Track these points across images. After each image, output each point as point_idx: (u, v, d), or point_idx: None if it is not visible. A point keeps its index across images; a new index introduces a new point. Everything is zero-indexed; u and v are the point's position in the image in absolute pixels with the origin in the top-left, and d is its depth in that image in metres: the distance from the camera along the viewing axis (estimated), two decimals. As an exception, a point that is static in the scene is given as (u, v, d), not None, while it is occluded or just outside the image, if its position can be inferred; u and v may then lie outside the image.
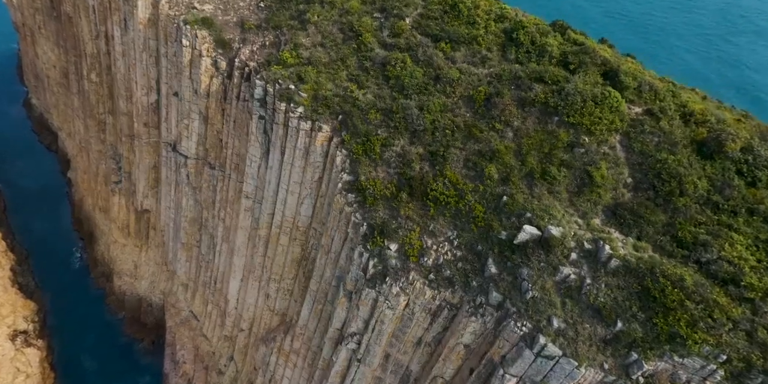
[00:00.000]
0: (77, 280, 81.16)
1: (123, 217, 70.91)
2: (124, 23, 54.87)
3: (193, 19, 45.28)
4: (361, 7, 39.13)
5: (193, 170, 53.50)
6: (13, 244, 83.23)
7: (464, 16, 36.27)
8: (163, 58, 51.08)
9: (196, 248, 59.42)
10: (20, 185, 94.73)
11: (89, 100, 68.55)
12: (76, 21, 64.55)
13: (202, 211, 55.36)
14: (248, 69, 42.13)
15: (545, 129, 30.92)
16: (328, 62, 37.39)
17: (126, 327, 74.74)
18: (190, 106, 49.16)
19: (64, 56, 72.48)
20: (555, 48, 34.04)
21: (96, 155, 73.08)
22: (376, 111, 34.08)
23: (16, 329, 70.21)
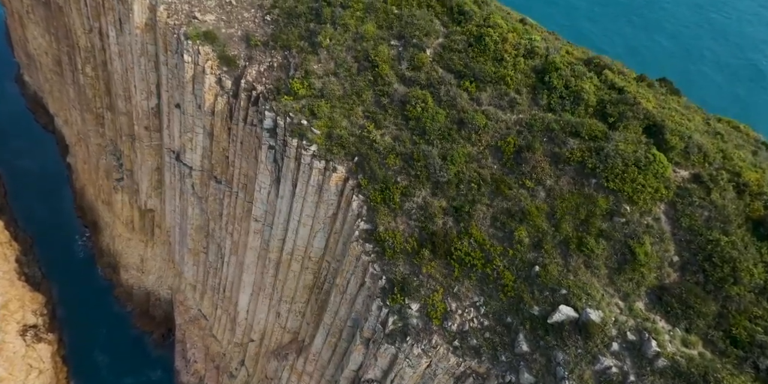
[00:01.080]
0: (83, 270, 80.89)
1: (127, 214, 69.81)
2: (119, 23, 51.77)
3: (195, 34, 42.48)
4: (376, 32, 36.38)
5: (198, 181, 51.95)
6: (16, 233, 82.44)
7: (490, 52, 33.58)
8: (163, 67, 48.46)
9: (203, 254, 58.67)
10: (19, 168, 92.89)
11: (85, 94, 65.88)
12: (67, 11, 61.01)
13: (209, 222, 54.21)
14: (256, 93, 39.83)
15: (581, 192, 29.06)
16: (342, 95, 35.14)
17: (135, 319, 75.12)
18: (194, 121, 47.06)
19: (56, 44, 69.12)
20: (591, 95, 31.59)
21: (95, 148, 71.06)
22: (395, 156, 32.28)
23: (25, 324, 70.49)
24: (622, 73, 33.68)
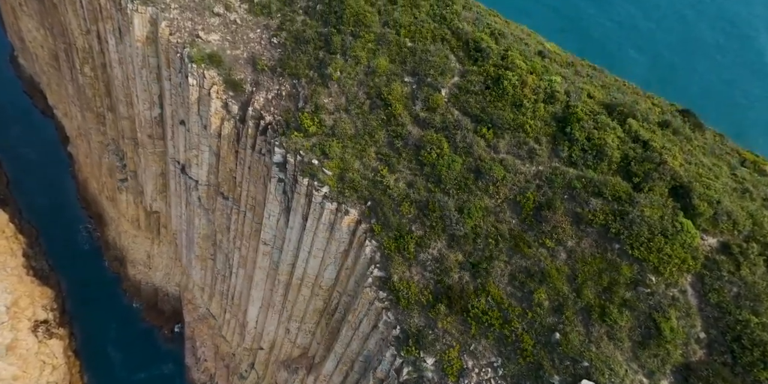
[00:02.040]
0: (90, 263, 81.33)
1: (132, 212, 69.60)
2: (118, 32, 50.01)
3: (199, 56, 41.04)
4: (389, 67, 35.05)
5: (205, 195, 51.47)
6: (21, 225, 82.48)
7: (509, 96, 32.37)
8: (165, 82, 47.09)
9: (210, 261, 58.84)
10: (19, 155, 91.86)
11: (85, 93, 64.40)
12: (62, 10, 58.78)
13: (216, 233, 54.06)
14: (264, 123, 38.82)
15: (604, 257, 28.52)
16: (354, 134, 34.25)
17: (144, 313, 76.15)
18: (199, 139, 46.15)
19: (52, 39, 67.01)
20: (615, 150, 30.48)
21: (97, 146, 70.08)
22: (409, 204, 31.78)
23: (36, 320, 71.50)
24: (646, 120, 32.36)
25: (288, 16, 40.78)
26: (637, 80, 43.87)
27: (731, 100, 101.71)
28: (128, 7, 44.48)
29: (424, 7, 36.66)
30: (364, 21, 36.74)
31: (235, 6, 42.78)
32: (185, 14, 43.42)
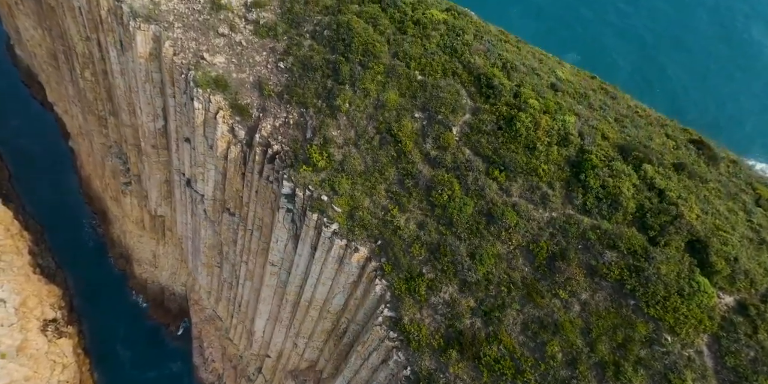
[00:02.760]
0: (96, 259, 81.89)
1: (136, 214, 69.64)
2: (120, 45, 48.99)
3: (205, 80, 40.33)
4: (399, 101, 34.43)
5: (211, 209, 51.39)
6: (26, 221, 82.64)
7: (522, 138, 31.86)
8: (170, 99, 46.37)
9: (217, 268, 59.20)
10: (20, 148, 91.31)
11: (86, 97, 63.48)
12: (60, 14, 57.37)
13: (223, 245, 54.20)
14: (272, 151, 38.42)
15: (619, 312, 28.51)
16: (364, 171, 33.95)
17: (151, 311, 77.08)
18: (205, 158, 45.82)
19: (50, 40, 65.61)
20: (630, 200, 30.12)
21: (99, 147, 69.53)
22: (420, 245, 31.78)
23: (45, 319, 72.44)
24: (661, 164, 31.84)
25: (294, 40, 39.88)
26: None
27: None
28: (130, 25, 43.46)
29: (435, 38, 35.79)
30: (372, 51, 35.93)
31: (240, 27, 41.77)
32: (189, 34, 42.42)
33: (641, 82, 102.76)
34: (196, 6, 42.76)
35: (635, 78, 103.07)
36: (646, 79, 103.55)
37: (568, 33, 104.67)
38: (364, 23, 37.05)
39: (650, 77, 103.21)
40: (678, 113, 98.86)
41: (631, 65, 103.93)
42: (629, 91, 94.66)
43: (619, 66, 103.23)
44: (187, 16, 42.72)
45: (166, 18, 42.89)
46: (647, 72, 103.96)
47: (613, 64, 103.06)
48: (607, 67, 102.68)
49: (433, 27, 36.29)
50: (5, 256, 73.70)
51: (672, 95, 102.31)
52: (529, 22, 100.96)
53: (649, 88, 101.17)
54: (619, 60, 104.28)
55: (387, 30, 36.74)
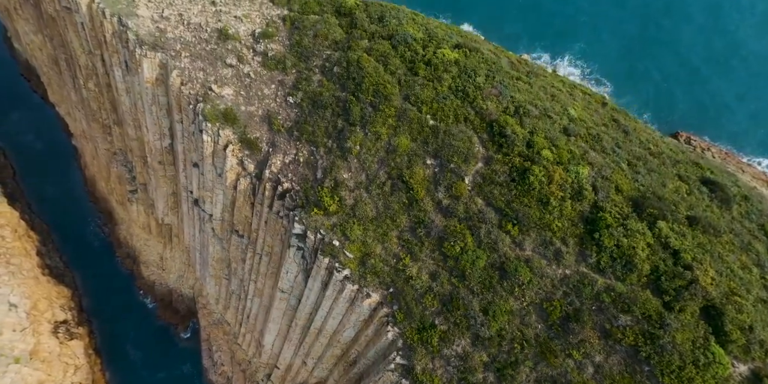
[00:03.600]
0: (103, 258, 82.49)
1: (143, 220, 70.02)
2: (125, 65, 48.35)
3: (214, 114, 40.04)
4: (410, 146, 34.28)
5: (219, 228, 51.71)
6: (32, 221, 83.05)
7: (535, 192, 31.80)
8: (177, 124, 46.07)
9: (225, 280, 59.92)
10: (23, 144, 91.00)
11: (89, 106, 62.95)
12: (61, 25, 56.28)
13: (231, 262, 54.72)
14: (282, 188, 38.45)
15: (633, 378, 28.80)
16: (375, 217, 34.09)
17: (159, 311, 78.24)
18: (214, 184, 45.86)
19: (51, 47, 64.57)
20: (645, 262, 30.21)
21: (104, 153, 69.35)
22: (432, 296, 32.22)
23: (56, 321, 73.68)
24: (676, 219, 31.77)
25: (304, 74, 39.39)
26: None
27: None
28: (136, 52, 42.84)
29: (447, 80, 35.34)
30: (383, 92, 35.56)
31: (248, 58, 41.18)
32: (196, 63, 41.85)
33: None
34: (203, 35, 42.05)
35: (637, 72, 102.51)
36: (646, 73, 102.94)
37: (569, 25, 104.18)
38: (375, 62, 36.55)
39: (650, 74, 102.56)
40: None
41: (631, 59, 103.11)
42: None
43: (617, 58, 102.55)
44: (194, 45, 42.05)
45: (172, 46, 42.25)
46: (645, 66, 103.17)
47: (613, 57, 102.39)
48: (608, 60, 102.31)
49: (444, 68, 35.81)
50: (14, 259, 74.45)
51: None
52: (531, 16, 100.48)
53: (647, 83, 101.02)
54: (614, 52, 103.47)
55: (398, 70, 36.27)
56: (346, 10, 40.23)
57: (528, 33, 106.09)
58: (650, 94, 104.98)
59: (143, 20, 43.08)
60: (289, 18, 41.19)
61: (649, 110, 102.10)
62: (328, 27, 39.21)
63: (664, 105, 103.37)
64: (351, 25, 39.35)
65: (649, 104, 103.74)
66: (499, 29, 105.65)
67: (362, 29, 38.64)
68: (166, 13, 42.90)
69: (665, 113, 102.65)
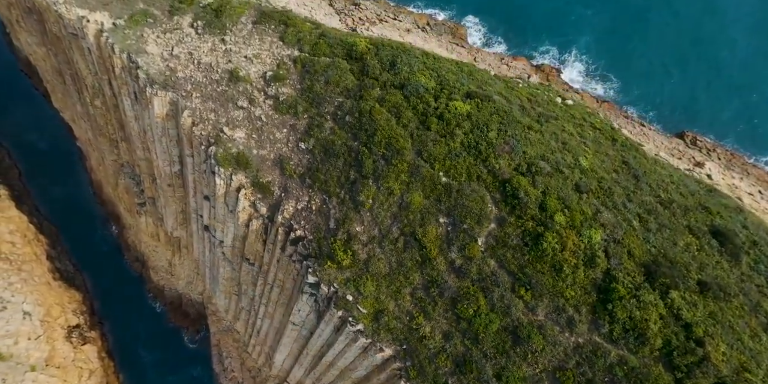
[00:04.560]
0: (112, 261, 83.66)
1: (152, 230, 70.75)
2: (134, 96, 48.18)
3: (226, 159, 40.32)
4: (423, 203, 34.70)
5: (230, 253, 52.50)
6: (41, 223, 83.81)
7: (548, 258, 32.37)
8: (188, 158, 46.29)
9: (235, 296, 61.10)
10: (26, 143, 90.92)
11: (96, 121, 62.85)
12: (66, 45, 55.66)
13: (241, 283, 55.73)
14: (294, 235, 39.06)
15: None
16: (389, 273, 34.82)
17: (170, 314, 79.89)
18: (225, 218, 46.40)
19: (55, 61, 63.85)
20: (657, 336, 30.86)
21: (111, 163, 69.54)
22: (446, 357, 33.22)
23: (69, 325, 75.42)
24: (687, 288, 32.29)
25: (316, 121, 39.46)
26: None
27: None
28: (147, 90, 42.75)
29: (459, 136, 35.47)
30: (396, 145, 35.78)
31: (259, 101, 41.12)
32: (207, 104, 41.84)
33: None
34: (214, 76, 41.86)
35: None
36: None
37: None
38: (387, 113, 36.62)
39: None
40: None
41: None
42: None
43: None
44: (205, 85, 41.92)
45: (183, 86, 42.14)
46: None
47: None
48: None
49: (456, 123, 35.90)
50: (25, 266, 75.65)
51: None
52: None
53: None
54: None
55: (410, 123, 36.36)
56: (357, 54, 39.94)
57: (534, 25, 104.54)
58: (656, 90, 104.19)
59: (153, 58, 42.80)
60: (300, 60, 40.93)
61: (655, 108, 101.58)
62: (339, 73, 39.04)
63: (670, 102, 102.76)
64: (362, 71, 39.15)
65: (656, 101, 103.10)
66: (505, 21, 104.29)
67: (374, 77, 38.49)
68: (176, 51, 42.58)
69: (671, 110, 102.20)
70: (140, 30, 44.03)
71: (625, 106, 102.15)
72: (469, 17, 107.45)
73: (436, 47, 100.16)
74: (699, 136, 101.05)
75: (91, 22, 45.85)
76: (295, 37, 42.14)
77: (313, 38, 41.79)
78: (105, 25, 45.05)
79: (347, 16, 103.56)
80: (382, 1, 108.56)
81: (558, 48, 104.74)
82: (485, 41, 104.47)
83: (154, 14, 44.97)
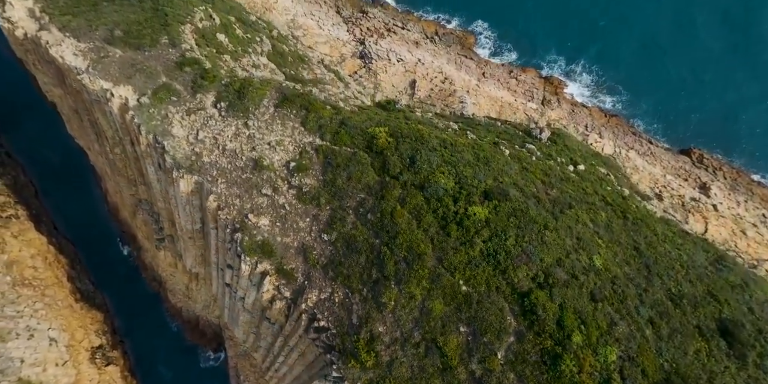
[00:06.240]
0: (130, 279, 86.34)
1: (170, 261, 72.94)
2: (158, 165, 49.37)
3: (251, 246, 42.00)
4: (444, 310, 36.60)
5: (250, 308, 54.73)
6: (59, 243, 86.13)
7: (566, 380, 34.39)
8: (212, 230, 47.86)
9: (254, 335, 63.77)
10: (40, 159, 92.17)
11: (115, 164, 64.08)
12: (87, 101, 56.26)
13: (261, 334, 58.13)
14: (317, 324, 41.11)
15: None
16: (411, 378, 36.94)
17: (187, 333, 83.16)
18: (248, 288, 48.34)
19: (73, 103, 64.46)
20: None
21: (129, 198, 71.12)
22: None
23: (92, 347, 78.84)
24: None
25: (338, 214, 40.90)
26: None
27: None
28: (173, 173, 44.01)
29: (478, 245, 37.04)
30: (417, 250, 37.40)
31: (283, 189, 42.43)
32: (232, 190, 43.20)
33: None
34: (239, 163, 43.03)
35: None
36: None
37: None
38: (408, 215, 38.05)
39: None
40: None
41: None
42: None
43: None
44: (230, 171, 43.17)
45: (209, 171, 43.39)
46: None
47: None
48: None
49: (475, 230, 37.40)
50: (48, 290, 78.41)
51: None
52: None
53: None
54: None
55: (431, 228, 37.86)
56: (377, 148, 41.01)
57: (543, 33, 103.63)
58: (665, 103, 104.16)
59: (179, 141, 43.88)
60: (322, 150, 42.02)
61: (663, 121, 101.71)
62: (361, 169, 40.24)
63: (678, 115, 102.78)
64: (383, 167, 40.33)
65: (663, 114, 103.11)
66: (514, 25, 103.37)
67: (394, 176, 39.71)
68: (201, 136, 43.61)
69: (679, 124, 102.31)
70: (165, 108, 44.89)
71: (633, 120, 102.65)
72: (478, 22, 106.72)
73: (446, 63, 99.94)
74: (705, 153, 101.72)
75: (116, 96, 46.65)
76: (316, 124, 43.08)
77: (334, 126, 42.73)
78: (130, 101, 45.87)
79: (355, 25, 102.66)
80: (389, 8, 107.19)
81: (566, 58, 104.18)
82: (494, 50, 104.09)
83: (177, 90, 45.70)
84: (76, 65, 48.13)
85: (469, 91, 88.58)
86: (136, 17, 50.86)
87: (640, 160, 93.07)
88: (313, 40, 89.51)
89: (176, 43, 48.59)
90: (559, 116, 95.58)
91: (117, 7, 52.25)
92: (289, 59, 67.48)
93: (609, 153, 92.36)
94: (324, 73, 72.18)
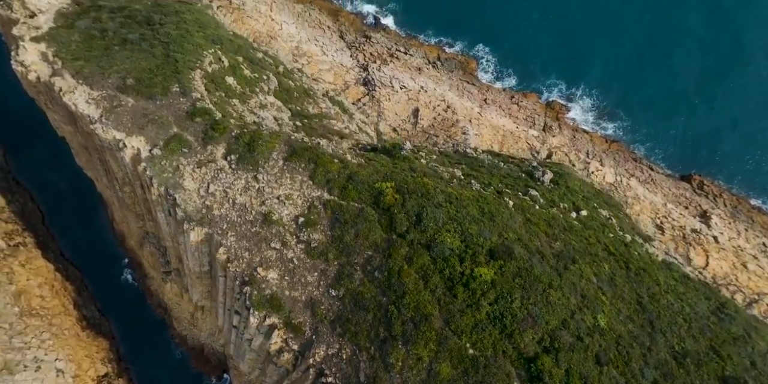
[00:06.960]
0: (135, 305, 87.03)
1: (176, 291, 73.74)
2: (168, 213, 50.19)
3: (260, 300, 42.79)
4: (451, 373, 37.33)
5: (257, 348, 55.47)
6: (66, 269, 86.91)
7: None
8: (220, 278, 48.67)
9: (258, 370, 64.52)
10: (46, 185, 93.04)
11: (124, 200, 64.93)
12: (98, 145, 57.10)
13: (267, 373, 58.91)
14: (325, 380, 41.85)
15: None
16: (420, 442, 37.66)
17: (192, 360, 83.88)
18: (256, 335, 49.09)
19: (83, 140, 65.34)
20: None
21: (137, 230, 71.98)
22: None
23: (98, 375, 79.54)
24: None
25: (346, 270, 41.71)
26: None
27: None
28: (184, 225, 44.81)
29: (484, 308, 37.83)
30: (424, 311, 38.19)
31: (291, 244, 43.24)
32: (242, 243, 44.00)
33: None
34: (248, 216, 43.85)
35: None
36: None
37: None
38: (415, 274, 38.83)
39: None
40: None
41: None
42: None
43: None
44: (240, 225, 43.98)
45: (219, 224, 44.22)
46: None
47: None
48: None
49: (482, 292, 38.20)
50: (55, 319, 79.19)
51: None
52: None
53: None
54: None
55: (437, 289, 38.67)
56: (384, 204, 41.85)
57: (543, 57, 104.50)
58: (666, 128, 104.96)
59: (190, 194, 44.70)
60: (330, 205, 42.86)
61: (663, 147, 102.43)
62: (368, 227, 41.07)
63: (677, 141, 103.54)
64: (390, 225, 41.17)
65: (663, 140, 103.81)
66: (514, 50, 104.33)
67: (401, 235, 40.55)
68: (212, 189, 44.44)
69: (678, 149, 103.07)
70: (176, 160, 45.72)
71: (634, 145, 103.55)
72: (479, 46, 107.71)
73: (448, 90, 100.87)
74: (706, 180, 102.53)
75: (128, 147, 47.51)
76: (324, 178, 43.93)
77: (342, 181, 43.57)
78: (142, 153, 46.71)
79: (358, 50, 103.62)
80: (392, 32, 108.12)
81: (565, 82, 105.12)
82: (496, 75, 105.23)
83: (188, 141, 46.56)
84: (89, 114, 49.00)
85: (472, 120, 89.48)
86: (147, 64, 51.73)
87: (641, 189, 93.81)
88: (317, 67, 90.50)
89: (187, 92, 49.46)
90: (560, 143, 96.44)
91: (128, 53, 53.14)
92: (294, 95, 68.43)
93: (610, 181, 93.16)
94: (329, 107, 73.10)
